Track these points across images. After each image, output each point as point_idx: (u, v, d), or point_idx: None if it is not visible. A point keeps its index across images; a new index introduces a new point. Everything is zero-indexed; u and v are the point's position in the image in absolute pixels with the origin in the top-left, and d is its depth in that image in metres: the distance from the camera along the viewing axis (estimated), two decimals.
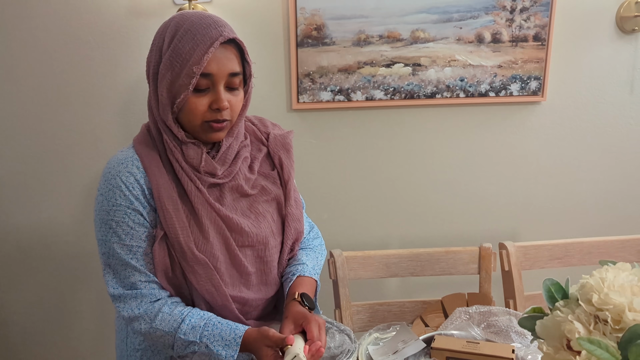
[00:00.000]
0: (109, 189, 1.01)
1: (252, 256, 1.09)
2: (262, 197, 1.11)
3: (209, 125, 1.01)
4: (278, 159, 1.15)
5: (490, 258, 1.41)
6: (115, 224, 1.00)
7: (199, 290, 1.03)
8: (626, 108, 2.00)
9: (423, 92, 1.87)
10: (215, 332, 0.98)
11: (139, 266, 1.01)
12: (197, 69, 0.96)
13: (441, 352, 1.11)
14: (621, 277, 0.74)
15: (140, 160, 1.02)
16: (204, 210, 1.02)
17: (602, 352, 0.67)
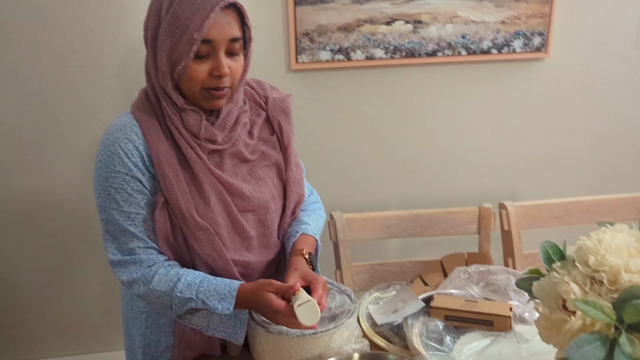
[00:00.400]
0: (108, 155, 1.00)
1: (254, 220, 1.09)
2: (262, 162, 1.11)
3: (209, 93, 1.00)
4: (277, 124, 1.15)
5: (489, 218, 1.42)
6: (114, 191, 1.00)
7: (202, 255, 1.04)
8: (631, 63, 1.97)
9: (424, 50, 1.84)
10: (210, 288, 1.00)
11: (138, 232, 1.02)
12: (198, 36, 0.94)
13: (440, 311, 1.13)
14: (618, 239, 0.74)
15: (139, 127, 1.02)
16: (204, 176, 1.02)
17: (596, 313, 0.68)
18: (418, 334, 1.09)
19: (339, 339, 1.05)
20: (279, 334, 1.03)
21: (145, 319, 1.13)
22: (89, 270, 1.94)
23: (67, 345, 2.02)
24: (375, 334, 1.14)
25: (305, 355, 1.03)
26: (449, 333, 1.10)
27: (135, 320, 1.15)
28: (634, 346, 0.66)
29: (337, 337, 1.05)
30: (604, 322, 0.68)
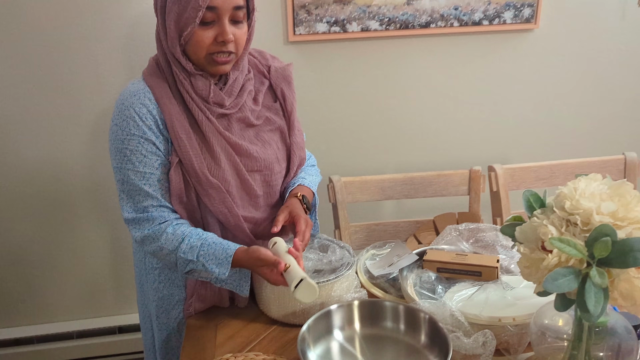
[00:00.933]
0: (123, 119, 1.07)
1: (260, 180, 1.17)
2: (266, 127, 1.18)
3: (213, 59, 1.06)
4: (280, 91, 1.21)
5: (479, 180, 1.50)
6: (129, 152, 1.07)
7: (214, 212, 1.12)
8: (617, 34, 2.03)
9: (417, 21, 1.89)
10: (209, 252, 1.07)
11: (152, 191, 1.09)
12: (203, 2, 0.99)
13: (432, 264, 1.21)
14: (592, 186, 0.82)
15: (151, 92, 1.08)
16: (214, 138, 1.09)
17: (571, 249, 0.76)
18: (412, 284, 1.18)
19: (339, 288, 1.14)
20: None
21: (158, 274, 1.21)
22: (95, 237, 2.01)
23: (77, 309, 2.10)
24: (373, 286, 1.22)
25: (309, 303, 1.12)
26: (441, 283, 1.19)
27: (149, 276, 1.23)
28: (602, 277, 0.74)
29: (337, 286, 1.14)
30: (577, 258, 0.77)
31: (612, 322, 0.88)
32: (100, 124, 1.88)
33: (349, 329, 1.06)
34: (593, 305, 0.74)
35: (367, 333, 1.06)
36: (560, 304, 0.80)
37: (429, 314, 1.02)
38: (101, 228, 2.01)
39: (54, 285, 2.05)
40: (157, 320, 1.24)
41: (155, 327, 1.25)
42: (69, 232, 1.99)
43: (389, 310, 1.07)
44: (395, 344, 1.04)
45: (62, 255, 2.02)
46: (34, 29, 1.74)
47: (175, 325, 1.24)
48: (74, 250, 2.02)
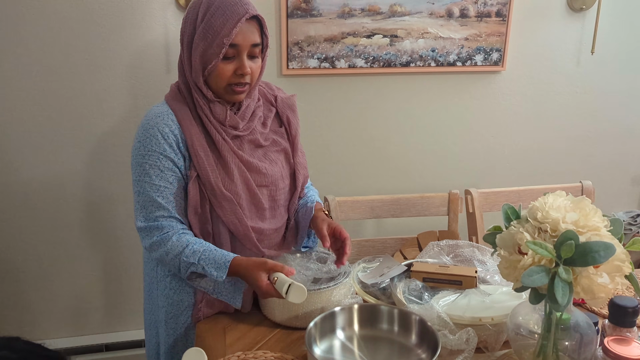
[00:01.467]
0: (147, 137, 1.20)
1: (267, 195, 1.31)
2: (273, 148, 1.33)
3: (232, 89, 1.21)
4: (286, 118, 1.36)
5: (457, 202, 1.67)
6: (148, 167, 1.19)
7: (225, 222, 1.24)
8: (573, 78, 2.28)
9: (399, 61, 2.09)
10: (210, 257, 1.18)
11: (164, 203, 1.20)
12: (227, 41, 1.14)
13: (419, 274, 1.36)
14: (558, 201, 1.00)
15: (174, 115, 1.22)
16: (229, 156, 1.23)
17: (542, 251, 0.92)
18: (402, 292, 1.32)
19: (338, 294, 1.27)
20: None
21: (169, 281, 1.30)
22: (89, 256, 2.08)
23: (67, 327, 2.14)
24: (366, 294, 1.36)
25: (310, 308, 1.24)
26: (427, 291, 1.33)
27: (160, 284, 1.32)
28: (568, 273, 0.91)
29: (336, 292, 1.27)
30: (548, 258, 0.93)
31: (576, 319, 1.04)
32: (100, 146, 1.98)
33: (350, 329, 1.19)
34: (561, 297, 0.90)
35: (366, 333, 1.19)
36: (533, 297, 0.96)
37: (419, 316, 1.16)
38: (94, 248, 2.08)
39: (42, 302, 2.09)
40: (165, 326, 1.33)
41: (163, 332, 1.34)
42: (62, 250, 2.05)
43: (385, 314, 1.21)
44: (390, 342, 1.17)
45: (53, 272, 2.06)
46: (43, 54, 1.85)
47: (182, 330, 1.33)
48: (65, 269, 2.06)
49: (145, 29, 1.89)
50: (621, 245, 0.95)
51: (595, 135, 2.37)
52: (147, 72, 1.94)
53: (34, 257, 2.03)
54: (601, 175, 2.41)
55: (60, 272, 2.07)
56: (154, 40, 1.91)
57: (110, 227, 2.06)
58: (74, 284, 2.10)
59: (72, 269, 2.08)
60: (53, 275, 2.07)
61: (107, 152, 1.98)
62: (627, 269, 0.93)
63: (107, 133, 1.97)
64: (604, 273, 0.93)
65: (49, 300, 2.09)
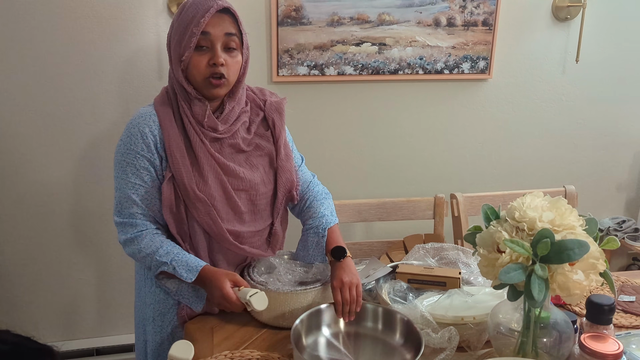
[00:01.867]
0: (128, 136, 1.24)
1: (246, 199, 1.32)
2: (256, 153, 1.34)
3: (209, 82, 1.22)
4: (272, 121, 1.38)
5: (443, 206, 1.70)
6: (126, 164, 1.23)
7: (200, 222, 1.27)
8: (559, 86, 2.32)
9: (387, 68, 2.13)
10: (183, 259, 1.21)
11: (139, 201, 1.24)
12: (197, 30, 1.17)
13: (404, 275, 1.38)
14: (536, 201, 1.03)
15: (157, 116, 1.25)
16: (205, 158, 1.25)
17: (519, 249, 0.95)
18: (387, 293, 1.34)
19: (324, 295, 1.30)
20: (275, 290, 1.26)
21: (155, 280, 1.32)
22: (80, 260, 2.09)
23: (58, 332, 2.15)
24: None
25: (296, 307, 1.26)
26: (411, 292, 1.35)
27: (147, 281, 1.35)
28: (544, 270, 0.94)
29: (322, 293, 1.29)
30: (525, 256, 0.96)
31: (555, 317, 1.07)
32: (91, 152, 2.00)
33: (335, 326, 1.21)
34: (537, 294, 0.93)
35: (351, 330, 1.21)
36: (511, 294, 0.99)
37: (404, 315, 1.19)
38: (85, 253, 2.09)
39: (32, 306, 2.09)
40: (152, 323, 1.34)
41: (150, 329, 1.35)
42: (53, 255, 2.06)
43: (370, 312, 1.23)
44: (375, 340, 1.19)
45: (44, 276, 2.07)
46: (35, 60, 1.87)
47: (169, 329, 1.34)
48: (57, 273, 2.08)
49: (138, 36, 1.92)
50: (596, 243, 0.98)
51: (580, 142, 2.41)
52: (139, 79, 1.96)
53: (25, 261, 2.04)
54: (587, 181, 2.46)
55: (52, 276, 2.08)
56: (146, 47, 1.94)
57: (101, 231, 2.07)
58: (65, 288, 2.10)
59: (64, 273, 2.09)
60: (44, 280, 2.07)
61: (99, 158, 2.00)
62: (601, 266, 0.96)
63: (99, 138, 1.99)
64: (579, 270, 0.96)
65: (40, 305, 2.10)
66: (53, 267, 2.07)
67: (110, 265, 2.11)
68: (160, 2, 1.89)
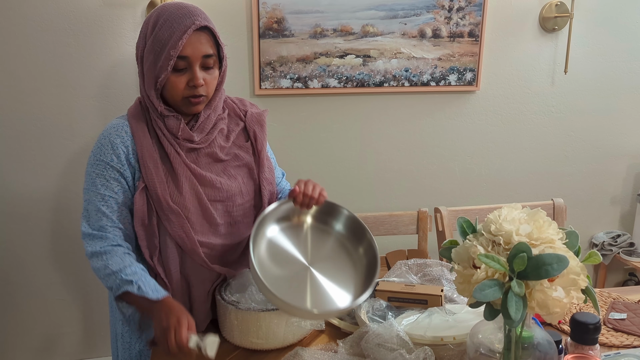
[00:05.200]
0: (99, 147, 1.20)
1: (222, 210, 1.28)
2: (233, 163, 1.30)
3: (188, 100, 1.19)
4: (253, 132, 1.34)
5: (426, 220, 1.65)
6: (95, 176, 1.19)
7: (172, 235, 1.21)
8: (548, 98, 2.28)
9: (372, 81, 2.09)
10: (150, 281, 1.14)
11: (109, 212, 1.19)
12: (174, 52, 1.13)
13: (384, 293, 1.33)
14: (513, 213, 0.97)
15: (129, 127, 1.21)
16: (180, 169, 1.21)
17: (495, 264, 0.89)
18: (365, 311, 1.28)
19: None
20: (246, 309, 1.20)
21: None
22: (59, 280, 2.04)
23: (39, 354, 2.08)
24: None
25: (270, 328, 1.20)
26: (391, 311, 1.29)
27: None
28: (521, 287, 0.88)
29: None
30: (501, 272, 0.90)
31: (538, 338, 1.01)
32: (69, 167, 1.96)
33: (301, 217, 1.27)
34: (514, 312, 0.87)
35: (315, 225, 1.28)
36: (488, 313, 0.93)
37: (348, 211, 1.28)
38: (65, 271, 2.04)
39: (12, 328, 2.04)
40: (122, 339, 1.30)
41: (120, 345, 1.31)
42: (31, 275, 2.00)
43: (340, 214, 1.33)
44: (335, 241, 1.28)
45: (23, 298, 2.02)
46: (11, 74, 1.84)
47: (137, 348, 1.30)
48: (35, 293, 2.02)
49: (116, 49, 1.89)
50: (577, 258, 0.92)
51: (572, 155, 2.36)
52: (117, 92, 1.93)
53: (3, 282, 1.98)
54: (580, 195, 2.40)
55: (30, 297, 2.02)
56: (125, 60, 1.91)
57: (80, 249, 2.02)
58: (44, 310, 2.05)
59: (43, 294, 2.03)
60: (23, 301, 2.02)
61: (77, 173, 1.96)
62: (582, 282, 0.91)
63: (77, 153, 1.95)
64: (558, 287, 0.90)
65: (19, 327, 2.04)
66: (30, 288, 2.01)
67: (90, 284, 2.05)
68: (139, 14, 1.86)
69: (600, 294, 1.45)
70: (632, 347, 1.22)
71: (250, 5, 1.93)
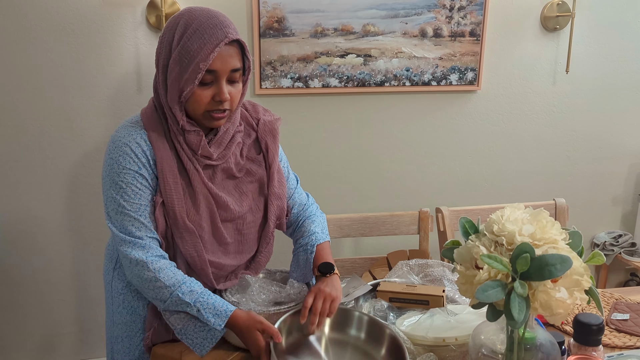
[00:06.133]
0: (120, 154, 1.13)
1: (232, 229, 1.24)
2: (246, 179, 1.26)
3: (211, 115, 1.13)
4: (265, 144, 1.28)
5: (428, 220, 1.64)
6: (125, 185, 1.12)
7: (183, 253, 1.18)
8: (549, 97, 2.27)
9: (373, 80, 2.08)
10: (209, 301, 1.10)
11: (145, 222, 1.13)
12: (204, 66, 1.07)
13: (385, 294, 1.32)
14: (516, 213, 0.96)
15: (147, 134, 1.15)
16: (199, 187, 1.17)
17: (497, 264, 0.89)
18: (367, 312, 1.28)
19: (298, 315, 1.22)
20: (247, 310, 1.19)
21: (122, 300, 1.25)
22: (57, 281, 2.03)
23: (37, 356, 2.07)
24: None
25: None
26: (393, 311, 1.29)
27: (115, 299, 1.27)
28: (524, 288, 0.87)
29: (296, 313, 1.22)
30: (503, 273, 0.89)
31: (540, 339, 1.00)
32: (69, 167, 1.95)
33: (318, 330, 1.15)
34: (517, 313, 0.86)
35: (334, 337, 1.16)
36: (490, 314, 0.92)
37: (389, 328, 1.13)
38: (65, 270, 2.03)
39: (11, 329, 2.03)
40: (121, 343, 1.27)
41: (119, 349, 1.28)
42: (31, 274, 2.00)
43: (355, 320, 1.19)
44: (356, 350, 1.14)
45: (22, 298, 2.01)
46: (10, 74, 1.83)
47: (136, 353, 1.27)
48: (35, 292, 2.02)
49: (116, 49, 1.88)
50: (580, 258, 0.92)
51: (573, 154, 2.35)
52: (117, 92, 1.92)
53: (3, 282, 1.97)
54: (581, 195, 2.39)
55: (31, 297, 2.01)
56: (125, 60, 1.90)
57: (80, 249, 2.01)
58: (44, 310, 2.04)
59: (43, 294, 2.02)
60: (22, 302, 2.01)
61: (77, 173, 1.95)
62: (586, 283, 0.90)
63: (77, 154, 1.94)
64: (562, 288, 0.89)
65: (19, 327, 2.03)
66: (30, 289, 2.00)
67: (90, 285, 2.05)
68: (139, 14, 1.86)
69: (603, 294, 1.44)
70: (635, 348, 1.21)
71: (251, 4, 1.92)
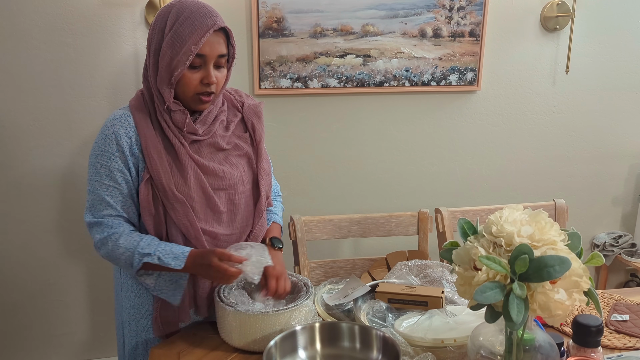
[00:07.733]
0: (102, 138, 1.22)
1: (225, 198, 1.30)
2: (235, 152, 1.33)
3: (199, 98, 1.22)
4: (251, 124, 1.37)
5: (427, 221, 1.63)
6: (99, 166, 1.22)
7: (177, 224, 1.24)
8: (549, 98, 2.27)
9: (372, 80, 2.08)
10: (167, 249, 1.20)
11: (112, 202, 1.22)
12: (195, 49, 1.16)
13: (384, 295, 1.31)
14: (515, 215, 0.96)
15: (132, 118, 1.23)
16: (185, 160, 1.23)
17: (496, 266, 0.88)
18: (365, 313, 1.27)
19: (298, 316, 1.22)
20: (245, 311, 1.19)
21: (131, 284, 1.31)
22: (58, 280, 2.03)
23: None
24: (329, 316, 1.31)
25: (269, 331, 1.19)
26: (391, 312, 1.29)
27: (123, 285, 1.33)
28: (522, 289, 0.87)
29: (296, 314, 1.22)
30: (502, 274, 0.89)
31: (539, 340, 0.99)
32: (68, 168, 1.95)
33: (312, 348, 1.14)
34: (516, 315, 0.86)
35: (328, 352, 1.15)
36: (489, 315, 0.92)
37: (381, 331, 1.12)
38: (65, 270, 2.03)
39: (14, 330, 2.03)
40: (128, 327, 1.33)
41: (127, 332, 1.34)
42: (31, 274, 1.99)
43: (346, 331, 1.17)
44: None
45: (23, 298, 2.01)
46: (10, 74, 1.83)
47: (143, 336, 1.32)
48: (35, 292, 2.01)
49: (115, 49, 1.88)
50: (579, 259, 0.91)
51: (573, 155, 2.35)
52: (116, 92, 1.92)
53: (3, 282, 1.97)
54: (581, 196, 2.39)
55: (31, 297, 2.01)
56: (124, 60, 1.90)
57: (80, 249, 2.01)
58: (43, 311, 2.04)
59: (43, 294, 2.02)
60: (22, 302, 2.01)
61: (76, 174, 1.95)
62: (585, 284, 0.89)
63: (76, 154, 1.94)
64: (560, 289, 0.89)
65: (19, 327, 2.03)
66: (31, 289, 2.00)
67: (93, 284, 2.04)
68: (138, 14, 1.85)
69: (602, 295, 1.44)
70: (634, 349, 1.21)
71: (250, 4, 1.92)
